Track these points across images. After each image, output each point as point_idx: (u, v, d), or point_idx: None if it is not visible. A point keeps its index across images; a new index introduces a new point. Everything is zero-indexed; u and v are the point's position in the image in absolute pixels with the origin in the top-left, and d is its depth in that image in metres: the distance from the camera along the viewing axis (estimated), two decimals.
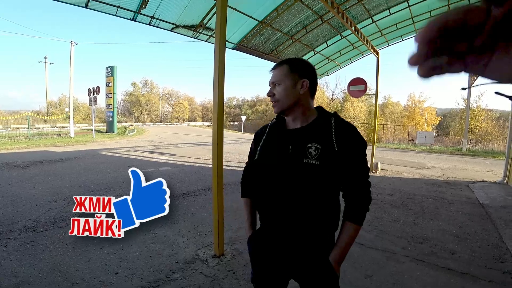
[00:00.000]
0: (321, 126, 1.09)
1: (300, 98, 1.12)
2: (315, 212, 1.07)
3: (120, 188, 5.42)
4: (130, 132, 19.55)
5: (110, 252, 2.82)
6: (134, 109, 45.09)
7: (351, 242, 1.10)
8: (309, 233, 1.10)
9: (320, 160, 1.03)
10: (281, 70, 1.12)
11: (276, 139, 1.17)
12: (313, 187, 1.06)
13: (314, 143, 1.05)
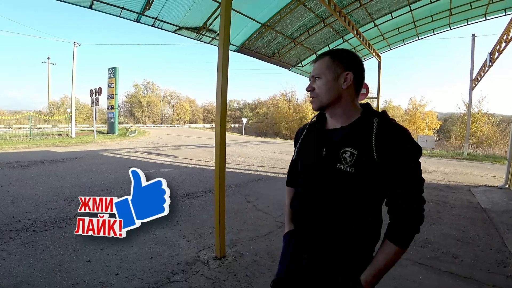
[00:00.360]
0: (361, 128, 0.95)
1: (342, 94, 0.99)
2: (346, 223, 0.96)
3: (120, 189, 5.41)
4: (131, 133, 19.58)
5: (110, 253, 2.80)
6: (135, 111, 45.24)
7: (389, 265, 0.94)
8: (338, 245, 0.99)
9: (355, 168, 0.91)
10: (323, 62, 1.00)
11: (313, 139, 1.08)
12: (345, 196, 0.95)
13: (349, 147, 0.93)
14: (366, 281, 0.95)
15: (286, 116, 34.93)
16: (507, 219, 4.40)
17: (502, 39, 8.14)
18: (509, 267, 2.86)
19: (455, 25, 7.68)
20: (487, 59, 9.44)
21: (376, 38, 7.93)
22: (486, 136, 20.03)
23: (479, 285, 2.50)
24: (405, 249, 0.92)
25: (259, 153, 12.86)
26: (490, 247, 3.38)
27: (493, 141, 19.09)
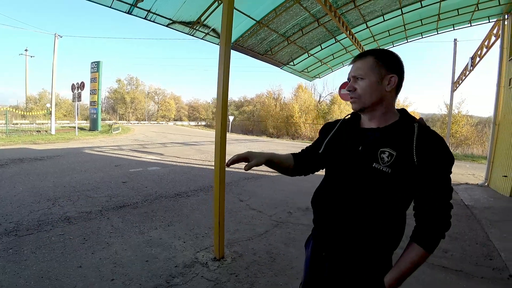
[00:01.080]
0: (401, 131, 0.95)
1: (384, 96, 0.98)
2: (375, 224, 0.95)
3: (108, 188, 5.20)
4: (114, 130, 18.97)
5: (103, 257, 2.66)
6: (118, 107, 43.90)
7: (414, 268, 0.93)
8: (363, 245, 0.98)
9: (392, 168, 0.91)
10: (366, 62, 0.98)
11: (347, 136, 1.06)
12: (378, 195, 0.94)
13: (388, 148, 0.92)
14: (390, 283, 0.94)
15: (272, 114, 34.91)
16: (489, 215, 4.61)
17: (484, 44, 8.49)
18: (494, 260, 3.05)
19: (442, 30, 7.94)
20: (468, 63, 9.81)
21: (367, 40, 8.05)
22: (465, 137, 21.01)
23: (469, 277, 2.65)
24: (431, 253, 0.92)
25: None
26: (476, 241, 3.55)
27: (471, 141, 20.07)
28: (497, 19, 7.16)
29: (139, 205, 4.35)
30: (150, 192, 5.14)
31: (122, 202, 4.43)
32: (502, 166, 6.32)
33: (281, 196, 5.42)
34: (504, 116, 6.66)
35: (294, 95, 35.44)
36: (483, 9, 6.53)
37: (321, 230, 1.08)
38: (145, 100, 47.19)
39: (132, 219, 3.75)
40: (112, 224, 3.52)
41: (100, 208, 4.09)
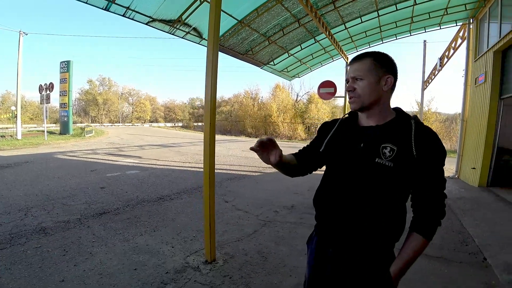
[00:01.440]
0: (399, 127, 1.00)
1: (382, 96, 1.03)
2: (379, 217, 0.99)
3: (86, 195, 4.93)
4: (87, 133, 18.05)
5: (87, 269, 2.50)
6: (90, 109, 41.91)
7: (416, 256, 0.99)
8: (369, 238, 1.01)
9: (394, 163, 0.95)
10: (364, 64, 1.02)
11: (347, 134, 1.09)
12: (381, 189, 0.98)
13: (390, 143, 0.97)
14: (395, 273, 0.99)
15: (250, 114, 34.85)
16: (462, 204, 4.92)
17: (451, 46, 9.06)
18: (470, 245, 3.30)
19: (414, 32, 8.40)
20: (437, 63, 10.42)
21: (345, 40, 8.30)
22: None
23: (448, 263, 2.85)
24: (430, 241, 0.99)
25: (228, 151, 12.74)
26: (452, 229, 3.79)
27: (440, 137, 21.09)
28: (463, 22, 7.68)
29: (120, 211, 4.17)
30: (131, 197, 4.94)
31: (102, 209, 4.21)
32: (470, 159, 6.78)
33: (265, 195, 5.43)
34: (471, 113, 7.14)
35: (271, 94, 35.66)
36: (451, 13, 6.99)
37: (328, 227, 1.09)
38: (119, 101, 45.41)
39: (114, 226, 3.58)
40: (93, 232, 3.33)
41: (79, 216, 3.86)
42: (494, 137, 5.97)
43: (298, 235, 3.51)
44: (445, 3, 6.41)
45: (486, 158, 6.08)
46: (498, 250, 3.12)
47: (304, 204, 4.82)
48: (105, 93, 43.68)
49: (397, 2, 6.16)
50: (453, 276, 2.61)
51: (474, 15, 7.07)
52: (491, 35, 6.16)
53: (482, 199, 5.21)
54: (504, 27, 5.42)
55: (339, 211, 1.04)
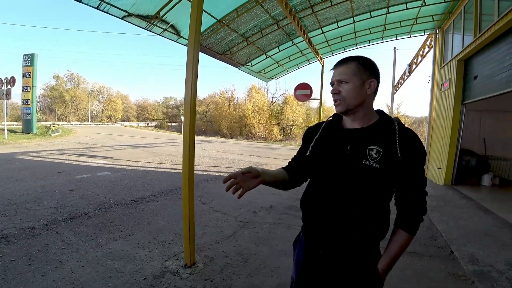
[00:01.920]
0: (383, 129, 1.04)
1: (366, 98, 1.06)
2: (367, 217, 1.02)
3: (53, 198, 4.61)
4: (54, 132, 16.90)
5: (56, 278, 2.32)
6: (56, 106, 39.26)
7: (402, 252, 1.05)
8: (358, 238, 1.04)
9: (381, 164, 0.98)
10: (349, 67, 1.05)
11: (332, 137, 1.11)
12: (368, 190, 1.01)
13: (376, 145, 1.00)
14: (383, 269, 1.04)
15: (226, 114, 34.58)
16: (430, 202, 5.11)
17: (419, 53, 9.63)
18: (438, 240, 3.55)
19: (387, 39, 8.85)
20: (406, 69, 11.03)
21: (321, 44, 8.52)
22: None
23: (420, 257, 3.04)
24: (414, 236, 1.04)
25: (203, 152, 12.57)
26: (422, 226, 3.93)
27: None
28: (430, 32, 8.22)
29: (92, 215, 3.94)
30: (104, 200, 4.70)
31: (71, 213, 3.96)
32: (437, 160, 7.25)
33: (243, 197, 5.40)
34: (437, 117, 7.63)
35: (247, 95, 35.73)
36: (420, 23, 7.45)
37: (316, 228, 1.10)
38: (88, 99, 43.06)
39: (86, 231, 3.37)
40: (62, 239, 3.11)
41: (46, 221, 3.59)
42: (457, 139, 6.43)
43: (277, 235, 3.54)
44: (415, 13, 6.82)
45: (451, 159, 6.53)
46: (463, 243, 3.37)
47: (282, 204, 4.86)
48: (73, 90, 41.16)
49: (372, 10, 6.44)
50: (425, 269, 2.78)
51: (440, 26, 7.59)
52: (455, 45, 6.64)
53: (447, 197, 5.58)
54: (466, 38, 5.86)
55: (327, 213, 1.05)
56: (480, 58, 5.55)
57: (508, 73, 4.43)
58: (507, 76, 4.46)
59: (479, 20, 5.19)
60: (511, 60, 4.37)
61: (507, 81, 4.44)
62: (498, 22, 4.37)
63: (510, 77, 4.38)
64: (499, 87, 4.69)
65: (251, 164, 9.87)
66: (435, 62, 7.97)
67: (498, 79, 4.74)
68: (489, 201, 5.12)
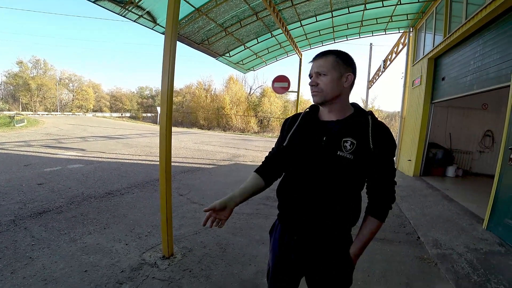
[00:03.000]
0: (357, 122, 1.08)
1: (342, 91, 1.10)
2: (340, 205, 1.08)
3: (20, 192, 4.36)
4: (18, 122, 15.81)
5: (27, 275, 2.22)
6: (21, 95, 36.52)
7: (372, 237, 1.13)
8: (331, 224, 1.10)
9: (354, 155, 1.03)
10: (327, 61, 1.08)
11: (309, 128, 1.14)
12: (342, 180, 1.06)
13: (350, 137, 1.05)
14: (355, 253, 1.12)
15: (203, 106, 33.89)
16: (400, 192, 5.56)
17: (393, 50, 10.00)
18: (407, 227, 3.81)
19: (363, 35, 9.08)
20: (381, 65, 11.43)
21: (300, 37, 8.56)
22: None
23: (390, 243, 3.26)
24: (383, 223, 1.13)
25: (179, 143, 12.40)
26: (392, 214, 4.30)
27: None
28: (405, 30, 8.55)
29: (64, 209, 3.78)
30: (76, 193, 4.52)
31: (41, 208, 3.77)
32: (407, 152, 7.65)
33: (220, 187, 5.44)
34: (408, 112, 8.02)
35: (225, 86, 35.22)
36: (395, 21, 7.71)
37: (291, 216, 1.15)
38: (56, 87, 40.46)
39: (58, 226, 3.24)
40: (32, 234, 2.96)
41: (13, 217, 3.40)
42: (426, 133, 6.82)
43: (255, 225, 3.61)
44: (391, 11, 7.04)
45: (420, 152, 6.92)
46: (428, 229, 3.63)
47: (259, 195, 4.91)
48: (39, 77, 38.41)
49: (350, 5, 6.56)
50: (394, 253, 2.98)
51: (414, 25, 7.92)
52: (426, 43, 6.96)
53: (415, 187, 5.94)
54: (437, 37, 6.17)
55: (303, 201, 1.10)
56: (448, 59, 5.89)
57: (472, 76, 4.77)
58: (471, 80, 4.81)
59: (449, 21, 5.47)
60: (475, 65, 4.70)
61: (471, 84, 4.78)
62: (465, 24, 4.65)
63: (473, 80, 4.72)
64: (464, 89, 5.04)
65: (228, 155, 9.88)
66: (408, 59, 8.32)
67: (463, 81, 5.08)
68: (453, 190, 5.51)
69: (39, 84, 37.58)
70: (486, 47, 4.37)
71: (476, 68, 4.64)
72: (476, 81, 4.62)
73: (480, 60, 4.52)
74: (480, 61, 4.54)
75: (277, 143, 1.28)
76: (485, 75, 4.34)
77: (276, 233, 1.23)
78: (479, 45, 4.58)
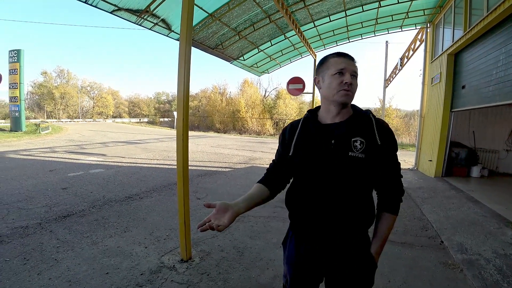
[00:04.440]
0: (361, 121, 1.10)
1: None
2: (356, 207, 1.07)
3: (45, 197, 4.56)
4: (43, 130, 16.60)
5: (53, 277, 2.32)
6: (45, 103, 38.44)
7: (389, 232, 1.13)
8: (349, 228, 1.08)
9: (365, 154, 1.04)
10: (357, 67, 1.12)
11: (313, 133, 1.12)
12: (356, 181, 1.06)
13: (359, 137, 1.05)
14: (377, 252, 1.12)
15: (219, 109, 34.30)
16: (421, 194, 5.36)
17: (410, 47, 9.71)
18: (429, 230, 3.65)
19: (378, 33, 8.89)
20: (398, 63, 11.11)
21: (314, 38, 8.51)
22: (395, 128, 23.89)
23: (411, 247, 3.14)
24: (397, 215, 1.14)
25: (196, 147, 12.55)
26: (413, 217, 4.14)
27: (400, 132, 22.99)
28: (422, 26, 8.29)
29: (86, 213, 3.92)
30: (97, 197, 4.67)
31: (65, 211, 3.93)
32: (427, 152, 7.38)
33: (237, 190, 5.45)
34: (428, 110, 7.75)
35: (240, 90, 35.51)
36: (411, 17, 7.50)
37: (306, 225, 1.12)
38: (78, 95, 42.27)
39: (81, 229, 3.36)
40: (57, 237, 3.09)
41: (39, 220, 3.56)
42: (448, 131, 6.55)
43: (272, 228, 3.58)
44: (407, 7, 6.86)
45: (441, 151, 6.66)
46: (452, 232, 3.47)
47: (276, 198, 4.90)
48: (62, 86, 40.32)
49: (364, 3, 6.45)
50: (416, 258, 2.86)
51: (431, 20, 7.66)
52: (445, 39, 6.71)
53: (438, 188, 5.71)
54: (456, 32, 5.94)
55: (318, 208, 1.07)
56: (469, 55, 5.65)
57: (495, 87, 4.57)
58: (493, 90, 4.61)
59: (469, 15, 5.26)
60: (497, 75, 4.51)
61: (493, 95, 4.59)
62: (487, 17, 4.45)
63: (496, 91, 4.52)
64: (487, 100, 4.85)
65: (244, 158, 9.91)
66: (426, 56, 8.06)
67: (485, 91, 4.88)
68: (478, 191, 5.26)
69: (62, 93, 39.41)
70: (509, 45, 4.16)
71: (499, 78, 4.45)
72: (499, 92, 4.45)
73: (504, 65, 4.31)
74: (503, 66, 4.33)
75: (278, 154, 1.25)
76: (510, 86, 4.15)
77: (291, 244, 1.21)
78: (503, 41, 4.37)
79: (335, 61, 1.09)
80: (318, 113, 1.17)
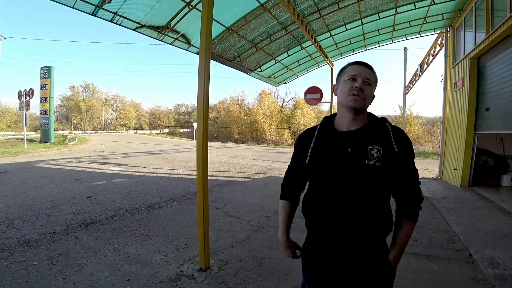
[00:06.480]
0: (378, 129, 1.10)
1: (370, 104, 1.15)
2: (374, 215, 1.07)
3: (71, 204, 4.77)
4: (70, 141, 17.49)
5: (77, 281, 2.41)
6: (72, 116, 40.70)
7: (408, 240, 1.11)
8: (367, 236, 1.07)
9: (382, 162, 1.04)
10: (373, 74, 1.13)
11: (329, 141, 1.13)
12: (374, 188, 1.05)
13: (375, 145, 1.06)
14: (395, 259, 1.11)
15: (237, 120, 34.79)
16: (446, 204, 5.10)
17: (430, 53, 9.46)
18: (456, 243, 3.44)
19: (396, 39, 8.76)
20: (417, 69, 10.84)
21: (330, 47, 8.52)
22: (417, 135, 23.08)
23: (437, 260, 2.97)
24: (416, 223, 1.12)
25: (215, 158, 12.68)
26: (438, 228, 3.93)
27: (422, 139, 22.15)
28: (441, 31, 8.08)
29: (109, 221, 4.06)
30: (119, 206, 4.82)
31: (89, 219, 4.09)
32: (452, 160, 7.06)
33: (256, 200, 5.43)
34: (451, 116, 7.46)
35: (257, 100, 35.84)
36: (430, 22, 7.34)
37: (324, 233, 1.13)
38: (103, 108, 44.37)
39: (103, 236, 3.48)
40: (81, 243, 3.22)
41: (65, 227, 3.73)
42: (473, 138, 6.26)
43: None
44: (424, 12, 6.74)
45: (467, 159, 6.34)
46: (482, 245, 3.26)
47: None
48: (88, 99, 42.62)
49: (380, 11, 6.41)
50: (442, 272, 2.71)
51: (451, 24, 7.46)
52: (467, 42, 6.50)
53: (464, 198, 5.42)
54: (478, 35, 5.74)
55: (335, 216, 1.07)
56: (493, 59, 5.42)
57: None
58: None
59: (491, 17, 5.08)
60: None
61: None
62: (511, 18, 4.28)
63: None
64: None
65: (262, 168, 9.91)
66: (447, 61, 7.81)
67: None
68: (509, 202, 4.93)
69: (88, 106, 41.59)
70: None
71: None
72: None
73: None
74: None
75: (293, 161, 1.26)
76: None
77: (309, 253, 1.22)
78: None
79: (351, 68, 1.13)
80: (334, 120, 1.18)
